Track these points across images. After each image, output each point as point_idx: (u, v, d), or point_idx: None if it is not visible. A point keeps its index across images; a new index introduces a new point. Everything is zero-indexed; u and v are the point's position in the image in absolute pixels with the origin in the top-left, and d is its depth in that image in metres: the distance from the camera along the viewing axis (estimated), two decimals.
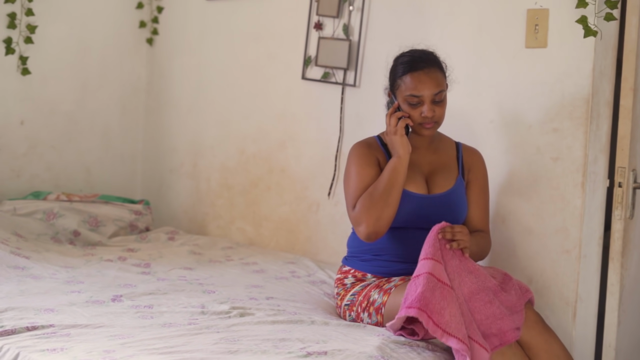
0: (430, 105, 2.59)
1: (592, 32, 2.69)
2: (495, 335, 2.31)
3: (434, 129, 2.64)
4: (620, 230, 2.82)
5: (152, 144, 4.30)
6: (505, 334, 2.32)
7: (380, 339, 2.28)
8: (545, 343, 2.40)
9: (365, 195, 2.58)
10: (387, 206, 2.54)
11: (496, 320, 2.33)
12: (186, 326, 2.39)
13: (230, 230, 3.92)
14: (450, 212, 2.65)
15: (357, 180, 2.63)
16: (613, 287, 2.85)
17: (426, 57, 2.64)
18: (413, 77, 2.59)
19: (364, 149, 2.69)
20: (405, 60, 2.64)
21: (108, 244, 3.66)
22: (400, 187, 2.56)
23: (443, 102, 2.62)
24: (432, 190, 2.67)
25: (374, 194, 2.56)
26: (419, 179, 2.66)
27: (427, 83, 2.58)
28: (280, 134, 3.71)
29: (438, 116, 2.61)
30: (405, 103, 2.61)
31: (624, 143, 2.81)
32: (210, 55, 4.00)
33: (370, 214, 2.54)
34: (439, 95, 2.60)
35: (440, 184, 2.67)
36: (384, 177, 2.57)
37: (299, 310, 2.62)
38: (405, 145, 2.58)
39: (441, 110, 2.62)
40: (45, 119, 4.00)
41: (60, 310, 2.51)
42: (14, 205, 3.67)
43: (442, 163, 2.73)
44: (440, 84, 2.60)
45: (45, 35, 3.92)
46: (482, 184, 2.76)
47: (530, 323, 2.42)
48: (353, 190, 2.63)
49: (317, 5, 3.48)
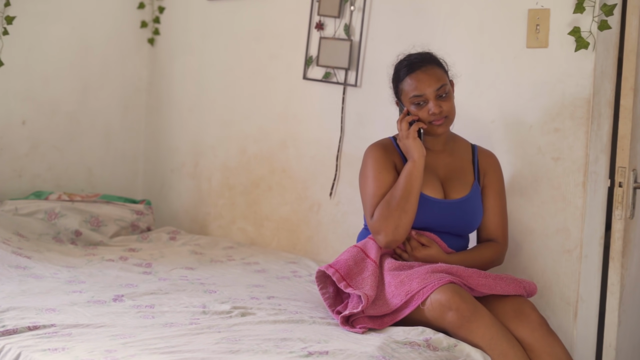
0: (436, 101, 2.59)
1: (584, 44, 2.70)
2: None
3: (446, 125, 2.64)
4: (621, 230, 2.82)
5: (154, 143, 4.30)
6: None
7: (381, 339, 2.28)
8: (548, 346, 2.40)
9: (383, 204, 2.56)
10: (405, 213, 2.53)
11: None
12: (187, 326, 2.39)
13: (232, 230, 3.92)
14: (465, 218, 2.65)
15: (374, 186, 2.61)
16: (613, 287, 2.86)
17: (422, 57, 2.66)
18: (412, 78, 2.60)
19: (380, 152, 2.66)
20: (404, 64, 2.66)
21: (109, 244, 3.66)
22: (418, 192, 2.55)
23: (448, 96, 2.62)
24: (449, 195, 2.65)
25: (392, 202, 2.54)
26: (435, 183, 2.64)
27: (427, 80, 2.59)
28: (281, 134, 3.71)
29: (447, 111, 2.61)
30: (412, 106, 2.62)
31: (625, 143, 2.81)
32: (211, 55, 4.00)
33: (388, 223, 2.53)
34: (442, 89, 2.60)
35: (456, 189, 2.66)
36: (401, 184, 2.55)
37: (300, 310, 2.62)
38: (419, 148, 2.57)
39: (448, 105, 2.61)
40: (46, 119, 4.00)
41: (61, 310, 2.51)
42: (16, 205, 3.67)
43: (458, 166, 2.71)
44: (441, 79, 2.61)
45: (47, 35, 3.93)
46: (498, 189, 2.73)
47: (534, 325, 2.42)
48: (370, 197, 2.61)
49: (318, 5, 3.48)
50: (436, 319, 2.36)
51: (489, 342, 2.31)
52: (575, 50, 2.74)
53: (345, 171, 3.46)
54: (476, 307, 2.34)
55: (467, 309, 2.32)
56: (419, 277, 2.41)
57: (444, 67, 2.67)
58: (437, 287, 2.35)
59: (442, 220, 2.62)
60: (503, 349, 2.32)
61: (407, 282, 2.42)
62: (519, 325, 2.42)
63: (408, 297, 2.38)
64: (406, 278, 2.44)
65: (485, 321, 2.32)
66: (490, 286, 2.46)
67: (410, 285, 2.40)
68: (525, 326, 2.42)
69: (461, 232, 2.67)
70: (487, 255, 2.67)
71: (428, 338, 2.30)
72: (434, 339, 2.30)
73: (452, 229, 2.64)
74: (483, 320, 2.32)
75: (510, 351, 2.33)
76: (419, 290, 2.38)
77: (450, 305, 2.32)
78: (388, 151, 2.68)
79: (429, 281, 2.38)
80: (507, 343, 2.33)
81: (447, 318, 2.33)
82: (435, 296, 2.35)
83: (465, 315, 2.31)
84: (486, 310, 2.37)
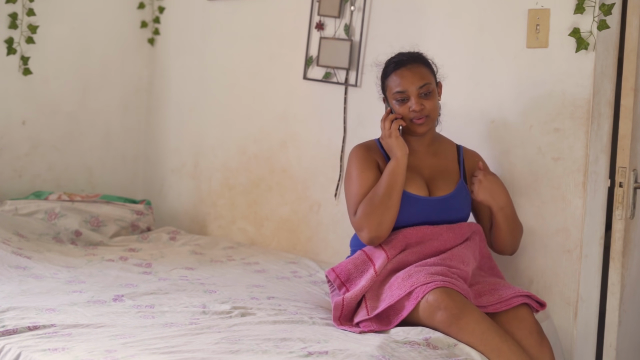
0: (417, 99, 2.62)
1: (584, 45, 2.70)
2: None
3: (427, 124, 2.65)
4: (621, 230, 2.82)
5: (154, 144, 4.30)
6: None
7: (381, 339, 2.28)
8: (540, 353, 2.41)
9: (366, 201, 2.59)
10: (388, 210, 2.56)
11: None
12: (187, 326, 2.39)
13: (232, 230, 3.92)
14: (450, 215, 2.65)
15: (357, 185, 2.65)
16: (614, 287, 2.86)
17: (410, 55, 2.69)
18: (397, 74, 2.64)
19: (364, 152, 2.71)
20: (392, 61, 2.69)
21: (109, 244, 3.66)
22: (400, 189, 2.57)
23: (432, 95, 2.64)
24: (433, 193, 2.67)
25: (374, 198, 2.57)
26: (419, 182, 2.66)
27: (410, 78, 2.62)
28: (281, 134, 3.71)
29: (428, 110, 2.63)
30: (394, 102, 2.65)
31: (625, 143, 2.81)
32: (211, 56, 4.00)
33: (371, 220, 2.56)
34: (425, 88, 2.62)
35: (441, 188, 2.68)
36: (383, 181, 2.58)
37: (300, 310, 2.62)
38: (402, 146, 2.60)
39: (431, 104, 2.63)
40: (47, 119, 4.00)
41: (61, 310, 2.51)
42: (16, 205, 3.67)
43: (443, 167, 2.73)
44: (425, 78, 2.63)
45: (47, 36, 3.93)
46: None
47: (529, 330, 2.41)
48: (354, 196, 2.65)
49: (318, 5, 3.48)
50: (427, 319, 2.36)
51: (480, 338, 2.30)
52: (575, 51, 2.74)
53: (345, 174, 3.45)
54: (465, 304, 2.34)
55: (455, 306, 2.32)
56: (426, 274, 2.42)
57: (432, 67, 2.71)
58: (439, 286, 2.35)
59: (427, 216, 2.63)
60: (496, 344, 2.30)
61: (415, 275, 2.43)
62: (514, 329, 2.41)
63: (413, 288, 2.39)
64: (415, 272, 2.45)
65: (474, 317, 2.32)
66: (495, 307, 2.46)
67: (418, 277, 2.41)
68: (520, 330, 2.41)
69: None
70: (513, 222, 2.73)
71: (428, 337, 2.30)
72: (433, 338, 2.30)
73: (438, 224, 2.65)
74: (472, 316, 2.32)
75: (503, 345, 2.31)
76: (424, 285, 2.37)
77: (439, 304, 2.32)
78: (371, 151, 2.71)
79: (435, 279, 2.38)
80: (499, 338, 2.32)
81: (436, 317, 2.33)
82: (426, 297, 2.35)
83: (454, 313, 2.31)
84: (475, 307, 2.36)
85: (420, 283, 2.39)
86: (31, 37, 3.84)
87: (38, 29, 3.85)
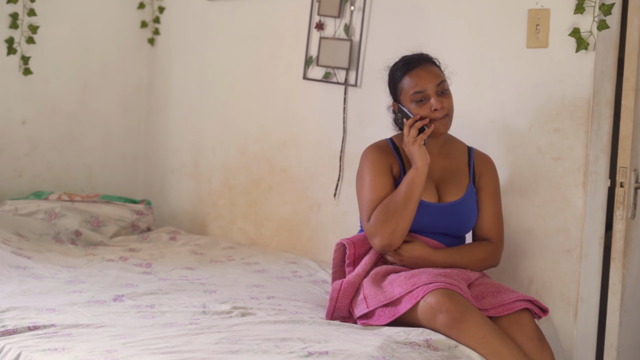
0: (437, 97, 2.58)
1: (584, 45, 2.70)
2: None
3: (447, 123, 2.63)
4: (622, 230, 2.82)
5: (154, 144, 4.30)
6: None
7: (381, 339, 2.27)
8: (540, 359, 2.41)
9: (381, 208, 2.55)
10: (403, 218, 2.52)
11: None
12: (187, 326, 2.39)
13: (232, 230, 3.92)
14: (459, 220, 2.64)
15: (370, 190, 2.60)
16: (614, 287, 2.86)
17: (419, 56, 2.66)
18: (412, 75, 2.60)
19: (377, 155, 2.65)
20: (400, 65, 2.65)
21: (109, 244, 3.66)
22: (417, 199, 2.53)
23: (448, 92, 2.61)
24: (443, 198, 2.65)
25: (390, 206, 2.53)
26: (429, 186, 2.63)
27: (426, 77, 2.59)
28: (281, 134, 3.71)
29: (447, 108, 2.60)
30: (412, 104, 2.60)
31: (626, 143, 2.81)
32: (211, 55, 4.00)
33: (385, 227, 2.53)
34: (441, 85, 2.60)
35: (451, 192, 2.65)
36: (402, 190, 2.54)
37: (300, 310, 2.62)
38: (424, 156, 2.54)
39: (448, 102, 2.61)
40: (47, 119, 4.00)
41: (61, 310, 2.51)
42: (16, 205, 3.67)
43: (453, 169, 2.70)
44: (440, 75, 2.61)
45: (47, 36, 3.93)
46: (493, 191, 2.71)
47: (530, 336, 2.41)
48: (367, 201, 2.60)
49: (318, 5, 3.48)
50: (428, 321, 2.35)
51: (481, 341, 2.30)
52: (575, 51, 2.74)
53: (346, 171, 3.46)
54: (466, 307, 2.33)
55: (457, 310, 2.31)
56: (430, 274, 2.42)
57: (440, 66, 2.68)
58: (441, 287, 2.35)
59: (436, 222, 2.62)
60: (496, 348, 2.30)
61: (418, 275, 2.43)
62: (515, 334, 2.41)
63: (414, 287, 2.39)
64: (418, 273, 2.45)
65: (476, 320, 2.31)
66: (496, 311, 2.46)
67: (420, 277, 2.41)
68: (521, 335, 2.41)
69: (455, 233, 2.67)
70: (479, 253, 2.64)
71: (428, 338, 2.29)
72: (434, 340, 2.29)
73: (446, 229, 2.64)
74: (474, 320, 2.31)
75: (504, 349, 2.31)
76: (425, 285, 2.37)
77: (440, 307, 2.32)
78: (384, 153, 2.66)
79: (437, 280, 2.38)
80: (500, 341, 2.31)
81: (438, 320, 2.33)
82: (426, 299, 2.35)
83: (456, 316, 2.30)
84: (477, 310, 2.36)
85: (422, 283, 2.38)
86: (32, 37, 3.84)
87: (38, 29, 3.84)
